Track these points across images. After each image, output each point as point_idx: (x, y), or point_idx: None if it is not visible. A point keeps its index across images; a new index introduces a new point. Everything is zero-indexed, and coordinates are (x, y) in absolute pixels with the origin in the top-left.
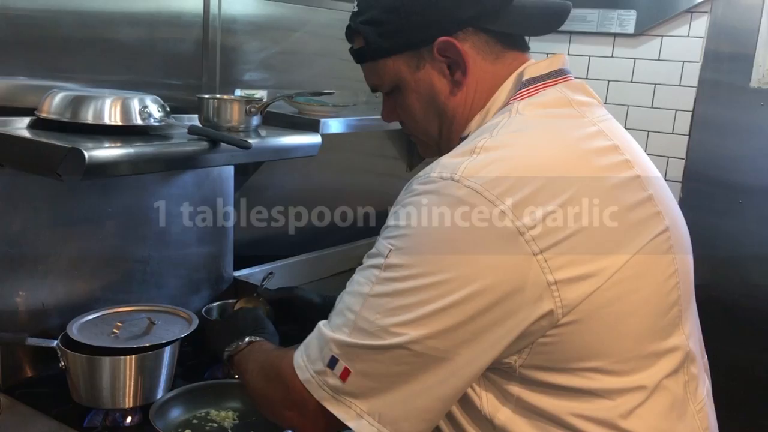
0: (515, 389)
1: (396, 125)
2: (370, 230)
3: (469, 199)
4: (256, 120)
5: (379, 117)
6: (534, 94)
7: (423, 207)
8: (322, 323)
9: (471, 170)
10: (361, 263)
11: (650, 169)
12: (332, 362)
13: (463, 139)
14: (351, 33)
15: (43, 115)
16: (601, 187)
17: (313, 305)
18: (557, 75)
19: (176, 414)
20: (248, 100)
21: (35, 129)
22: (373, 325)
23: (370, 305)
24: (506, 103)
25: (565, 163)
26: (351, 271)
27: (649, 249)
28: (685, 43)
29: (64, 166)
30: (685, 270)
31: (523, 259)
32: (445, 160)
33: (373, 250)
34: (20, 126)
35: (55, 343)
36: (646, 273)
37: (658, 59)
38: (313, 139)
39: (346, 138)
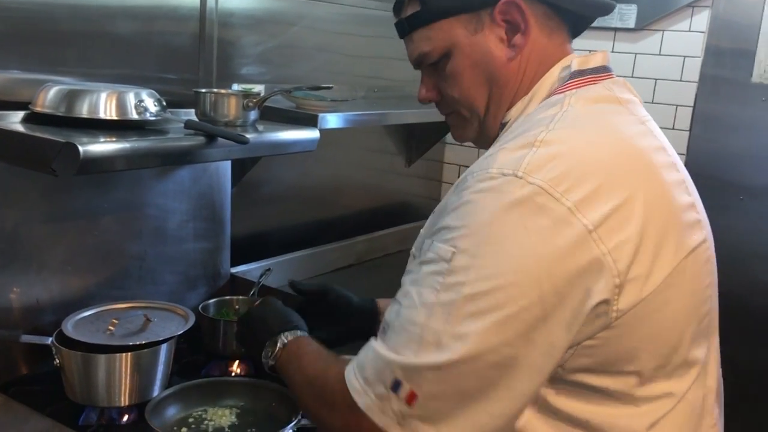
0: (543, 390)
1: (396, 119)
2: (368, 226)
3: (535, 197)
4: (253, 115)
5: (378, 112)
6: (582, 86)
7: (486, 205)
8: (376, 343)
9: (534, 166)
10: (359, 260)
11: (687, 173)
12: (396, 385)
13: (504, 125)
14: (403, 0)
15: (38, 109)
16: (659, 187)
17: (351, 304)
18: (603, 71)
19: (172, 412)
20: (246, 95)
21: (29, 123)
22: (444, 336)
23: (438, 315)
24: (551, 93)
25: (625, 159)
26: (349, 268)
27: (693, 256)
28: (686, 38)
29: (58, 161)
30: (716, 282)
31: (593, 259)
32: (503, 155)
33: (430, 255)
34: (14, 120)
35: (49, 340)
36: (691, 280)
37: (659, 54)
38: (312, 134)
39: (345, 133)
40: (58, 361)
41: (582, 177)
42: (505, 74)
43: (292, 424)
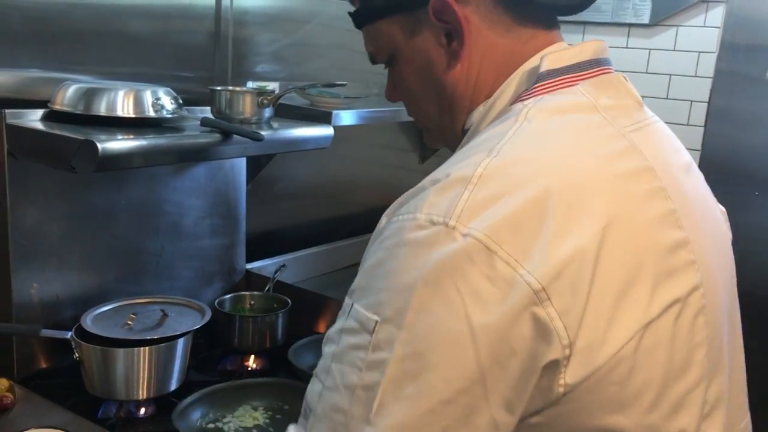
0: None
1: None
2: None
3: (470, 252)
4: (268, 112)
5: (392, 109)
6: (551, 90)
7: (411, 264)
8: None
9: (469, 212)
10: None
11: (690, 195)
12: None
13: (466, 131)
14: None
15: (57, 107)
16: (630, 225)
17: None
18: (588, 67)
19: (197, 416)
20: (260, 92)
21: (48, 121)
22: (369, 427)
23: (362, 401)
24: (517, 99)
25: (588, 194)
26: None
27: (676, 310)
28: (700, 34)
29: (77, 158)
30: (719, 334)
31: (539, 326)
32: (435, 194)
33: (351, 324)
34: (34, 118)
35: (69, 334)
36: (671, 341)
37: (674, 50)
38: (326, 131)
39: (358, 130)
40: (77, 355)
41: (531, 221)
42: (450, 82)
43: None
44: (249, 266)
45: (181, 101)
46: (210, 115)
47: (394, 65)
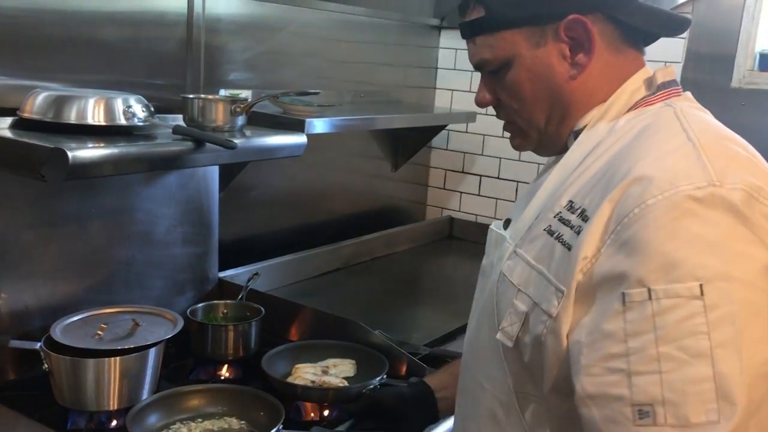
0: None
1: (383, 123)
2: (355, 230)
3: (745, 203)
4: (241, 120)
5: (365, 117)
6: (673, 96)
7: (702, 224)
8: None
9: (721, 173)
10: (346, 264)
11: None
12: None
13: (578, 132)
14: (469, 2)
15: (26, 115)
16: None
17: (406, 400)
18: (677, 84)
19: (153, 420)
20: (233, 100)
21: (17, 129)
22: (746, 373)
23: (724, 357)
24: (636, 105)
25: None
26: (336, 272)
27: None
28: (667, 43)
29: (47, 167)
30: None
31: None
32: (673, 167)
33: (662, 304)
34: (2, 126)
35: (38, 345)
36: None
37: None
38: (299, 139)
39: (332, 138)
40: (46, 365)
41: (760, 178)
42: (569, 91)
43: (273, 431)
44: (222, 274)
45: (152, 109)
46: (182, 123)
47: (503, 72)
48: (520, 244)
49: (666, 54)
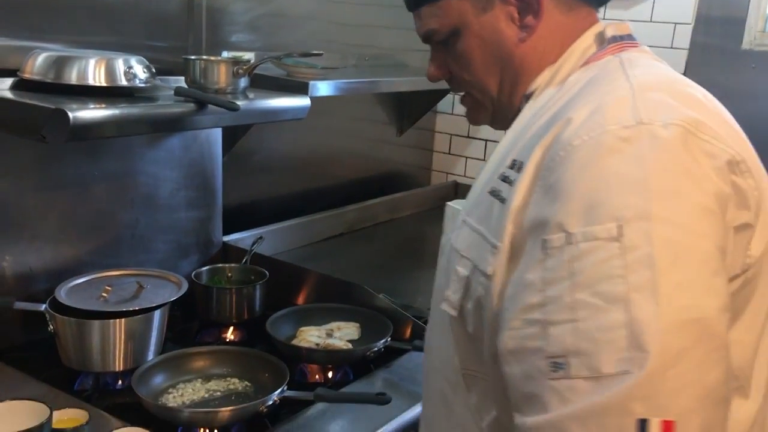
0: None
1: (387, 87)
2: (359, 195)
3: (679, 137)
4: (243, 82)
5: (370, 80)
6: (624, 50)
7: (632, 161)
8: (567, 389)
9: (654, 111)
10: (350, 229)
11: None
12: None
13: (528, 96)
14: None
15: (26, 76)
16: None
17: None
18: (632, 39)
19: (159, 381)
20: (235, 62)
21: (18, 90)
22: (664, 319)
23: (641, 300)
24: (588, 60)
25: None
26: (340, 236)
27: None
28: (677, 4)
29: (48, 128)
30: None
31: (737, 189)
32: (606, 112)
33: (578, 248)
34: (3, 87)
35: (43, 307)
36: None
37: (651, 21)
38: (302, 101)
39: (336, 102)
40: (52, 327)
41: (709, 117)
42: (519, 55)
43: (277, 392)
44: (226, 238)
45: (154, 70)
46: (184, 85)
47: (452, 42)
48: (468, 212)
49: (676, 16)
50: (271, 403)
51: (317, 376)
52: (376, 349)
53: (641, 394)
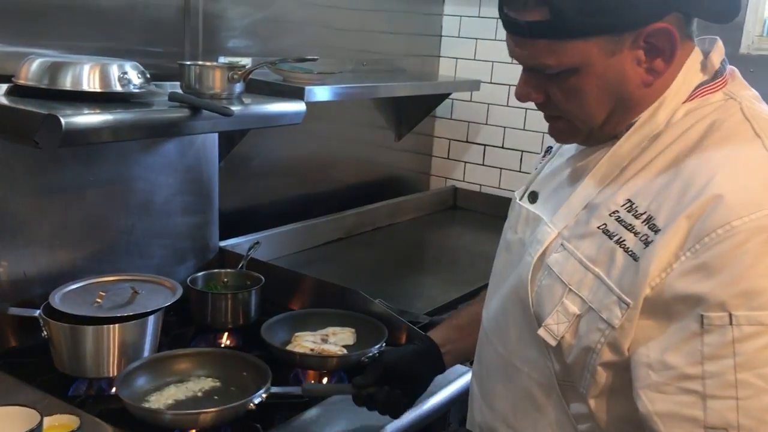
0: None
1: (385, 92)
2: (357, 200)
3: None
4: (239, 87)
5: (366, 85)
6: (726, 83)
7: None
8: None
9: None
10: (348, 234)
11: None
12: None
13: (629, 126)
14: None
15: (21, 81)
16: None
17: (415, 359)
18: (727, 62)
19: (141, 383)
20: (231, 67)
21: (12, 96)
22: None
23: None
24: (695, 93)
25: None
26: (338, 242)
27: None
28: None
29: (41, 133)
30: None
31: None
32: (748, 190)
33: (743, 330)
34: None
35: (37, 312)
36: None
37: None
38: (298, 106)
39: (333, 106)
40: (46, 333)
41: None
42: (637, 97)
43: (260, 392)
44: (222, 244)
45: (149, 76)
46: (179, 91)
47: (564, 77)
48: (567, 236)
49: None
50: (259, 401)
51: (312, 382)
52: (371, 354)
53: None
